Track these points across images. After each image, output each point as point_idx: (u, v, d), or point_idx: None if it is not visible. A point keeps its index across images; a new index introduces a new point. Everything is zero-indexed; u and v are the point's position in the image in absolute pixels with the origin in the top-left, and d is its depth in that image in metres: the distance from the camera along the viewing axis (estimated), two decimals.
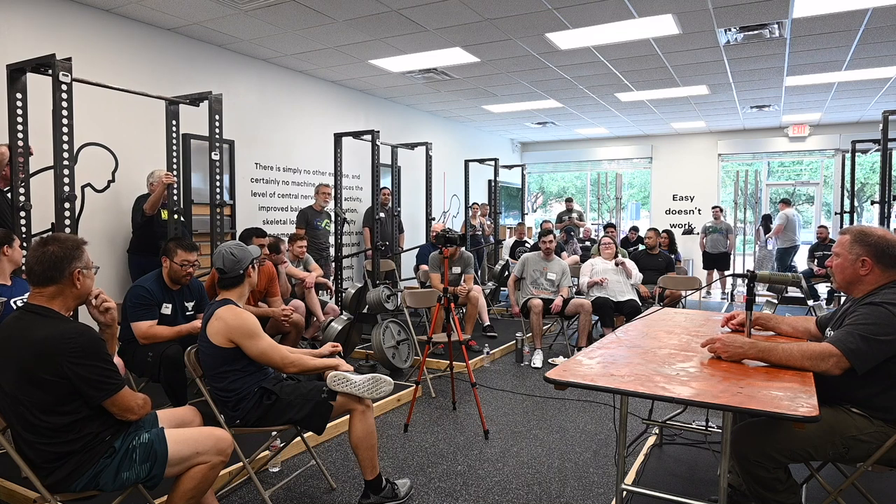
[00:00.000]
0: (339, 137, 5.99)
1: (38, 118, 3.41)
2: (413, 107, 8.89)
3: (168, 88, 4.85)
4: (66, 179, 3.15)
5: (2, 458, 2.48)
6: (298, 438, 2.84)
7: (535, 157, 12.78)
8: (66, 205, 3.16)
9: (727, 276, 9.49)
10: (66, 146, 3.14)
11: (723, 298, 9.69)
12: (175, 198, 4.28)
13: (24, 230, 3.24)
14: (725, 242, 9.34)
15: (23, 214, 3.24)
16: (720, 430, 2.34)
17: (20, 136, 3.23)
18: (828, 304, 7.41)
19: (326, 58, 6.17)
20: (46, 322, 1.78)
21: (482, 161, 8.39)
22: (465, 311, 5.71)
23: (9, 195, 3.34)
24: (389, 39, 5.54)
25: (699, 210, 11.10)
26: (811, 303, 6.59)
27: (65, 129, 3.13)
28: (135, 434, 1.91)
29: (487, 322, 6.05)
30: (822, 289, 8.40)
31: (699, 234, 9.84)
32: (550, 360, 5.27)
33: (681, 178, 11.36)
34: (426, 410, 3.97)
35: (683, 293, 6.11)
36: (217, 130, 4.09)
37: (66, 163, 3.14)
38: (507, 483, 2.87)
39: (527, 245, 8.38)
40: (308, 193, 6.82)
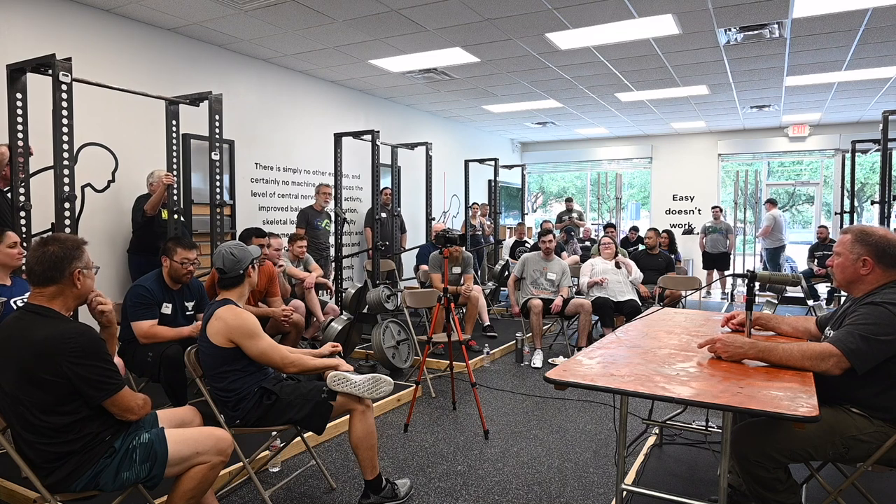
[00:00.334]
0: (339, 137, 5.99)
1: (38, 118, 3.41)
2: (413, 107, 8.89)
3: (168, 88, 4.85)
4: (66, 179, 3.15)
5: (2, 458, 2.48)
6: (298, 438, 2.84)
7: (535, 157, 12.78)
8: (66, 205, 3.17)
9: (727, 276, 9.49)
10: (66, 146, 3.14)
11: (723, 298, 9.69)
12: (175, 198, 4.28)
13: (24, 230, 3.24)
14: (725, 242, 9.35)
15: (23, 214, 3.24)
16: (720, 430, 2.34)
17: (20, 136, 3.24)
18: (828, 304, 7.41)
19: (326, 58, 6.18)
20: (47, 322, 1.78)
21: (482, 161, 8.39)
22: (465, 311, 5.71)
23: (9, 195, 3.34)
24: (389, 39, 5.54)
25: (699, 210, 11.10)
26: (811, 303, 6.59)
27: (65, 129, 3.13)
28: (135, 434, 1.91)
29: (487, 322, 6.05)
30: (822, 289, 8.40)
31: (699, 234, 9.85)
32: (550, 360, 5.27)
33: (681, 178, 11.36)
34: (426, 410, 3.97)
35: (683, 293, 6.11)
36: (217, 130, 4.09)
37: (66, 163, 3.15)
38: (507, 483, 2.87)
39: (527, 245, 8.38)
40: (308, 193, 6.82)
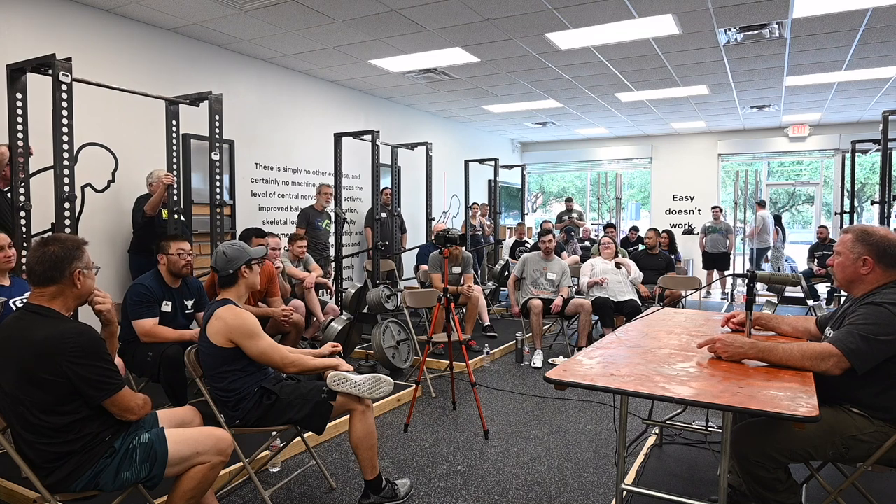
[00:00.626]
0: (339, 137, 5.99)
1: (38, 118, 3.41)
2: (413, 107, 8.89)
3: (168, 88, 4.85)
4: (66, 179, 3.15)
5: (2, 458, 2.48)
6: (298, 438, 2.84)
7: (535, 157, 12.78)
8: (66, 205, 3.17)
9: (727, 276, 9.50)
10: (66, 146, 3.14)
11: (723, 298, 9.69)
12: (175, 198, 4.28)
13: (24, 230, 3.24)
14: (725, 242, 9.36)
15: (23, 214, 3.24)
16: (720, 430, 2.34)
17: (20, 136, 3.24)
18: (828, 304, 7.40)
19: (326, 58, 6.17)
20: (47, 322, 1.78)
21: (482, 161, 8.39)
22: (465, 311, 5.71)
23: (9, 195, 3.34)
24: (389, 39, 5.54)
25: (699, 210, 11.10)
26: (811, 303, 6.58)
27: (65, 129, 3.13)
28: (135, 434, 1.91)
29: (487, 322, 6.05)
30: (822, 289, 8.40)
31: (699, 234, 9.86)
32: (550, 360, 5.27)
33: (681, 178, 11.36)
34: (426, 410, 3.97)
35: (683, 293, 6.11)
36: (217, 130, 4.09)
37: (66, 163, 3.15)
38: (507, 483, 2.87)
39: (527, 245, 8.37)
40: (308, 193, 6.82)
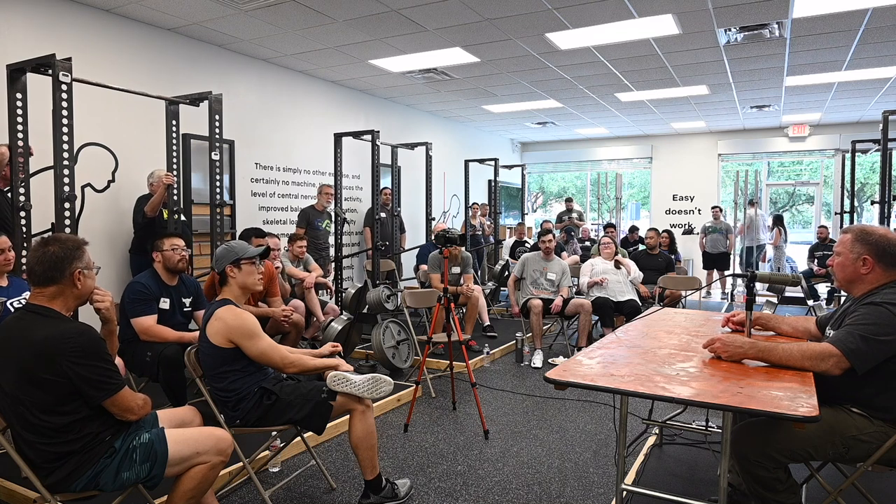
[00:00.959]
0: (339, 137, 5.99)
1: (38, 118, 3.41)
2: (413, 107, 8.89)
3: (168, 88, 4.85)
4: (66, 179, 3.15)
5: (2, 458, 2.48)
6: (298, 438, 2.84)
7: (535, 157, 12.78)
8: (66, 205, 3.17)
9: (727, 276, 9.49)
10: (66, 146, 3.14)
11: (723, 298, 9.69)
12: (175, 198, 4.28)
13: (24, 230, 3.24)
14: (725, 242, 9.36)
15: (23, 214, 3.24)
16: (720, 430, 2.34)
17: (20, 136, 3.24)
18: (828, 304, 7.40)
19: (326, 58, 6.17)
20: (47, 322, 1.78)
21: (482, 161, 8.40)
22: (465, 311, 5.71)
23: (9, 195, 3.34)
24: (389, 39, 5.54)
25: (699, 210, 11.10)
26: (811, 303, 6.58)
27: (65, 129, 3.13)
28: (135, 434, 1.91)
29: (487, 322, 6.05)
30: (822, 289, 8.40)
31: (699, 234, 9.86)
32: (550, 360, 5.27)
33: (681, 178, 11.36)
34: (426, 410, 3.97)
35: (683, 293, 6.11)
36: (217, 130, 4.09)
37: (66, 163, 3.15)
38: (507, 483, 2.87)
39: (527, 245, 8.37)
40: (308, 193, 6.82)
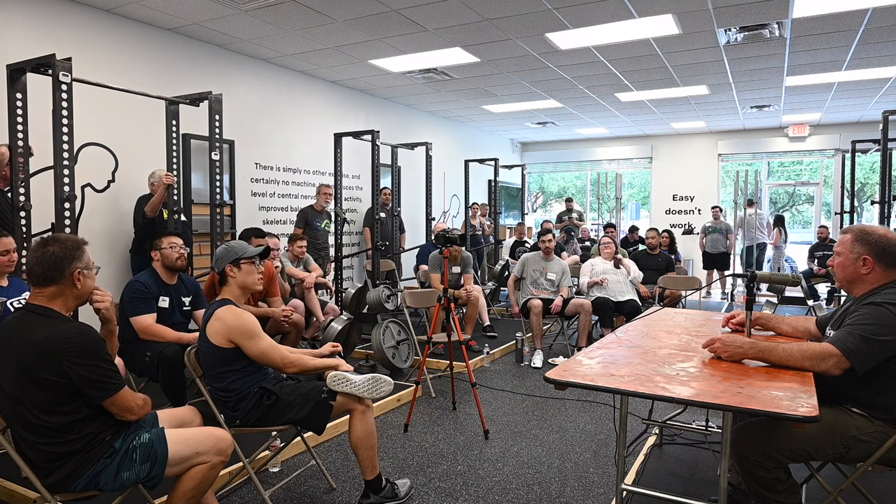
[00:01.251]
0: (339, 137, 5.99)
1: (38, 118, 3.41)
2: (413, 107, 8.89)
3: (168, 88, 4.85)
4: (66, 179, 3.15)
5: (2, 458, 2.48)
6: (298, 438, 2.84)
7: (535, 157, 12.78)
8: (66, 205, 3.17)
9: (727, 276, 9.49)
10: (66, 146, 3.14)
11: (723, 298, 9.69)
12: (175, 198, 4.28)
13: (24, 230, 3.24)
14: (725, 242, 9.36)
15: (23, 214, 3.24)
16: (720, 430, 2.34)
17: (20, 136, 3.24)
18: (828, 304, 7.40)
19: (326, 58, 6.17)
20: (47, 322, 1.78)
21: (482, 161, 8.39)
22: (465, 311, 5.71)
23: (9, 195, 3.34)
24: (389, 39, 5.54)
25: (699, 210, 11.10)
26: (811, 303, 6.58)
27: (65, 129, 3.13)
28: (135, 434, 1.91)
29: (487, 322, 6.05)
30: (822, 289, 8.40)
31: (699, 234, 9.86)
32: (550, 360, 5.27)
33: (681, 178, 11.36)
34: (426, 410, 3.97)
35: (683, 293, 6.11)
36: (217, 130, 4.09)
37: (66, 163, 3.15)
38: (507, 483, 2.87)
39: (527, 245, 8.37)
40: (308, 193, 6.82)
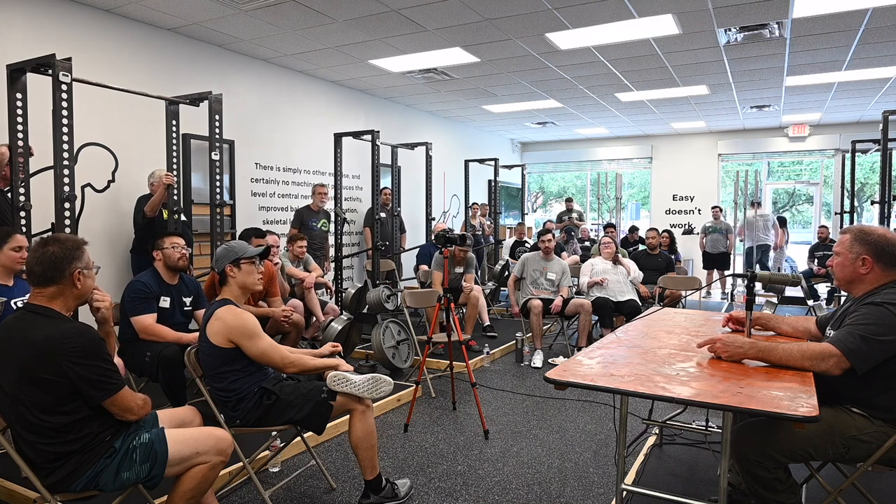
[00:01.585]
0: (339, 137, 5.99)
1: (38, 118, 3.41)
2: (413, 107, 8.89)
3: (168, 88, 4.85)
4: (66, 179, 3.15)
5: (2, 458, 2.48)
6: (298, 438, 2.84)
7: (535, 157, 12.78)
8: (66, 205, 3.17)
9: (727, 276, 9.49)
10: (66, 146, 3.14)
11: (723, 298, 9.69)
12: (175, 198, 4.28)
13: (24, 230, 3.24)
14: (725, 242, 9.36)
15: (23, 214, 3.24)
16: (720, 430, 2.34)
17: (20, 136, 3.24)
18: (828, 304, 7.40)
19: (326, 58, 6.17)
20: (47, 322, 1.78)
21: (482, 161, 8.40)
22: (465, 312, 5.71)
23: (9, 195, 3.34)
24: (389, 39, 5.54)
25: (699, 210, 11.10)
26: (811, 303, 6.58)
27: (65, 129, 3.13)
28: (135, 434, 1.91)
29: (487, 322, 6.05)
30: (822, 289, 8.40)
31: (699, 234, 9.86)
32: (550, 360, 5.27)
33: (681, 178, 11.36)
34: (426, 410, 3.97)
35: (683, 293, 6.11)
36: (217, 130, 4.09)
37: (66, 163, 3.15)
38: (507, 483, 2.87)
39: (527, 245, 8.37)
40: (308, 193, 6.81)
